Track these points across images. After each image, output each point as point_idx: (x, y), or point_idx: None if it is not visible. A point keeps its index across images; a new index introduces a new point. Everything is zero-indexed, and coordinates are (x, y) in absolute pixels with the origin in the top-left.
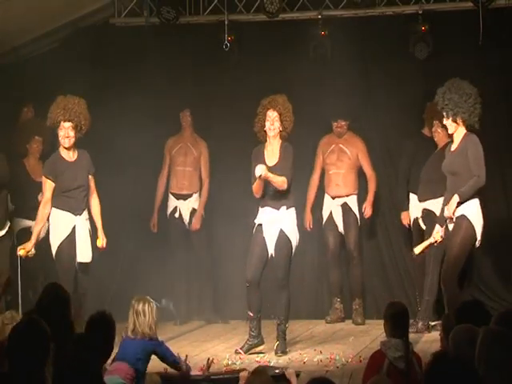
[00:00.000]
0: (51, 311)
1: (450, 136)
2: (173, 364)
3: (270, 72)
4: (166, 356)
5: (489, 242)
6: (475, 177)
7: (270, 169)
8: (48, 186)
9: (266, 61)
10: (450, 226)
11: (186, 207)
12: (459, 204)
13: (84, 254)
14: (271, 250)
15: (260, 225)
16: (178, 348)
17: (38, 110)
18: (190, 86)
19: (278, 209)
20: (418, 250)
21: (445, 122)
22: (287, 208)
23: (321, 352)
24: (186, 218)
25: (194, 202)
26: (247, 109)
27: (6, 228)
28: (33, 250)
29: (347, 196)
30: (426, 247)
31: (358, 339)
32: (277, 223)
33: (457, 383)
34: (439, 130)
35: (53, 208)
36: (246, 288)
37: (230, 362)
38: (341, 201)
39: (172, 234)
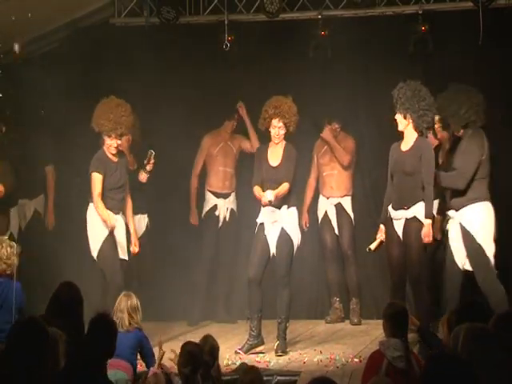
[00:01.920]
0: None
1: (402, 133)
2: (146, 364)
3: (269, 72)
4: (148, 354)
5: None
6: (429, 186)
7: (272, 170)
8: (98, 179)
9: (266, 61)
10: (397, 225)
11: (224, 206)
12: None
13: (123, 251)
14: (273, 249)
15: (262, 224)
16: (178, 348)
17: (38, 110)
18: (189, 86)
19: (279, 208)
20: (373, 245)
21: (396, 116)
22: (288, 207)
23: (321, 352)
24: (226, 215)
25: (232, 201)
26: (247, 108)
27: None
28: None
29: (341, 197)
30: (379, 244)
31: (358, 339)
32: (278, 222)
33: (454, 382)
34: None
35: (91, 203)
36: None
37: (230, 362)
38: (335, 201)
39: (206, 232)
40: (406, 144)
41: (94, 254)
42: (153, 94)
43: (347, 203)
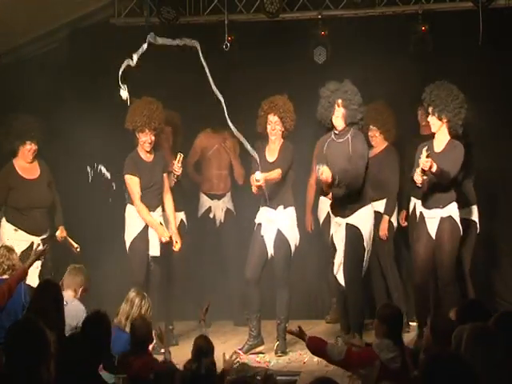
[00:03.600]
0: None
1: (433, 134)
2: None
3: (269, 72)
4: None
5: (489, 241)
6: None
7: (269, 165)
8: (134, 182)
9: (266, 61)
10: (430, 223)
11: (220, 207)
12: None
13: (155, 248)
14: (270, 250)
15: (260, 224)
16: (177, 348)
17: (39, 109)
18: (189, 86)
19: (275, 208)
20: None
21: (429, 118)
22: (284, 207)
23: None
24: (221, 217)
25: (227, 201)
26: (247, 108)
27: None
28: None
29: None
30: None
31: None
32: (274, 223)
33: (454, 382)
34: (377, 135)
35: (128, 204)
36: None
37: None
38: None
39: (204, 234)
40: (439, 145)
41: (127, 245)
42: (152, 94)
43: None
